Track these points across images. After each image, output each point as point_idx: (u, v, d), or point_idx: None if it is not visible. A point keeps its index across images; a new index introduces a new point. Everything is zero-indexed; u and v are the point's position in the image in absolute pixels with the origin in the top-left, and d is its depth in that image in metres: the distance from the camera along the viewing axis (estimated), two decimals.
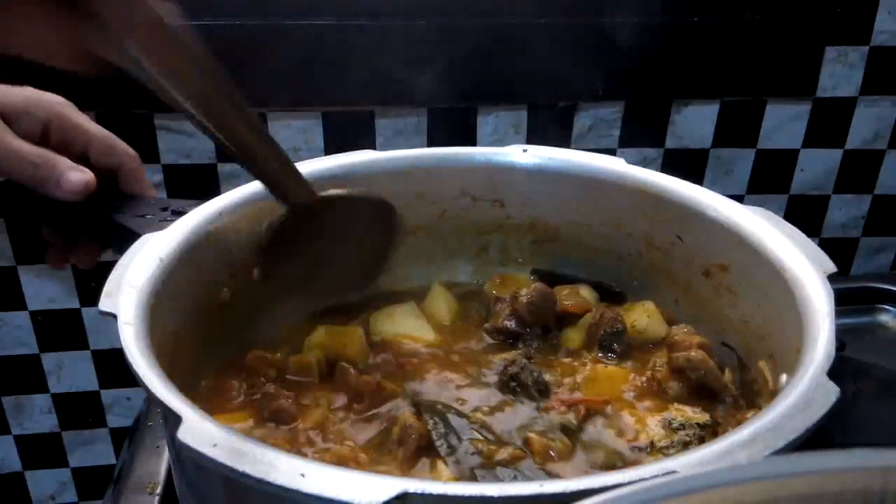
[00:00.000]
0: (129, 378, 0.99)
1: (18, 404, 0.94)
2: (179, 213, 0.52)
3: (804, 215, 0.95)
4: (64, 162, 0.55)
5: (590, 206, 0.61)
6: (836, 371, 0.38)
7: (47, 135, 0.58)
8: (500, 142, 0.65)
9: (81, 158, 0.57)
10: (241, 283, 0.52)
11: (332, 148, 0.85)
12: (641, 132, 0.89)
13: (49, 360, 0.92)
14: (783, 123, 0.90)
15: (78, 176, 0.55)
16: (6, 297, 0.88)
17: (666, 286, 0.59)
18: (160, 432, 0.66)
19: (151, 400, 0.35)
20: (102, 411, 0.96)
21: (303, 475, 0.29)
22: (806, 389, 0.35)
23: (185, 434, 0.32)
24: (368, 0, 0.79)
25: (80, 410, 0.96)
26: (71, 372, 0.93)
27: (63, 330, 0.91)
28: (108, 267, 0.46)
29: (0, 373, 0.92)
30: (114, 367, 0.94)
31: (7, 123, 0.55)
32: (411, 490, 0.28)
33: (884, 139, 0.93)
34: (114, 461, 0.97)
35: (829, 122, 0.91)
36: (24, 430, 0.96)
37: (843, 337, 0.70)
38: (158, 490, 0.60)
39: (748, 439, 0.31)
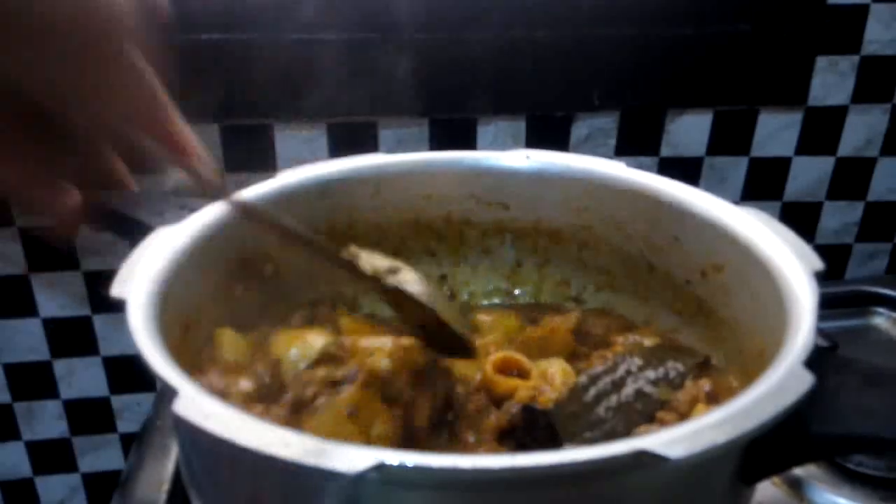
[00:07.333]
0: (139, 384, 1.01)
1: (30, 410, 0.96)
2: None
3: (798, 222, 0.97)
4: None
5: (591, 208, 0.63)
6: (821, 365, 0.39)
7: None
8: (500, 150, 0.68)
9: None
10: (251, 277, 0.55)
11: (336, 157, 0.88)
12: (637, 141, 0.91)
13: (60, 366, 0.95)
14: (776, 132, 0.92)
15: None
16: (19, 304, 0.91)
17: (664, 288, 0.61)
18: (169, 432, 0.69)
19: (156, 377, 0.37)
20: (113, 417, 0.98)
21: (287, 444, 0.31)
22: (781, 377, 0.36)
23: (179, 406, 0.34)
24: (371, 15, 0.82)
25: (90, 416, 0.98)
26: (82, 378, 0.95)
27: (74, 336, 0.93)
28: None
29: (12, 379, 0.94)
30: (124, 373, 0.96)
31: None
32: (387, 461, 0.30)
33: (875, 146, 0.95)
34: (123, 466, 0.99)
35: (820, 131, 0.93)
36: (34, 435, 0.98)
37: (836, 338, 0.72)
38: (166, 487, 0.62)
39: (719, 421, 0.33)
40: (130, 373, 0.95)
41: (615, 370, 0.50)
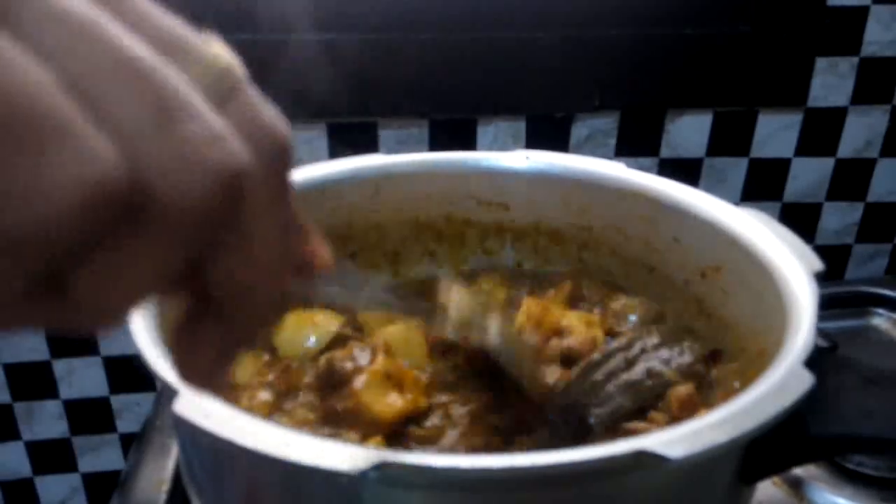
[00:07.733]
0: (139, 384, 1.00)
1: (30, 410, 0.96)
2: None
3: (798, 223, 0.97)
4: None
5: (591, 209, 0.63)
6: (821, 365, 0.39)
7: None
8: (500, 151, 0.69)
9: None
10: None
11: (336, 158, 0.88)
12: (637, 141, 0.91)
13: (60, 366, 0.95)
14: (775, 133, 0.92)
15: None
16: None
17: (664, 289, 0.61)
18: (169, 432, 0.69)
19: (156, 377, 0.37)
20: (112, 417, 0.98)
21: (287, 444, 0.31)
22: (781, 377, 0.36)
23: (179, 406, 0.34)
24: (371, 15, 0.82)
25: (90, 416, 0.98)
26: (82, 378, 0.95)
27: (74, 336, 0.93)
28: None
29: (12, 379, 0.94)
30: (124, 373, 0.96)
31: None
32: (389, 460, 0.30)
33: (875, 147, 0.94)
34: (123, 466, 0.99)
35: (820, 132, 0.93)
36: (34, 435, 0.98)
37: (836, 338, 0.72)
38: (166, 487, 0.62)
39: (719, 421, 0.33)
40: (130, 373, 0.95)
41: (630, 347, 0.51)
